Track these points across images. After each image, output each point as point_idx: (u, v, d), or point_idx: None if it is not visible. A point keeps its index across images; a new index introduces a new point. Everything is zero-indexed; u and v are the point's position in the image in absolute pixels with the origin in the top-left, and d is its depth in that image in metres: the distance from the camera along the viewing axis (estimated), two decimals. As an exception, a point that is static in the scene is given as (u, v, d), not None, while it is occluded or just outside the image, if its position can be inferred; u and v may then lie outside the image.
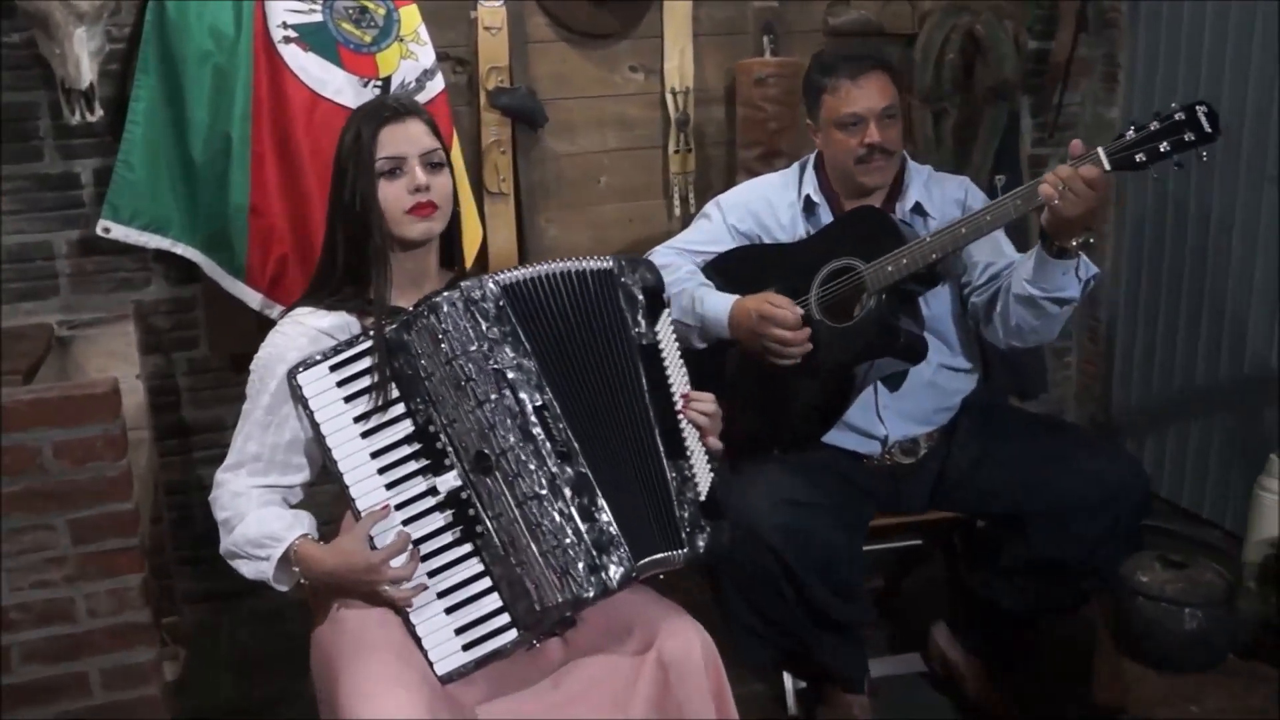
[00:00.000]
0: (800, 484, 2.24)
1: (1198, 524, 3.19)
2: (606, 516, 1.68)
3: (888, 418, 2.37)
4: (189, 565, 2.97)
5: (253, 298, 2.67)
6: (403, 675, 1.60)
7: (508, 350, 1.69)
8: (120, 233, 2.64)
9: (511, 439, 1.66)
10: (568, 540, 1.65)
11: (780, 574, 2.17)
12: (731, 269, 2.43)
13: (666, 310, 1.87)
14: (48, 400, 2.11)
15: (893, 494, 2.41)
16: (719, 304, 2.32)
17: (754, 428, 2.32)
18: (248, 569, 1.75)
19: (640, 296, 1.82)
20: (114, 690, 2.24)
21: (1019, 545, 2.28)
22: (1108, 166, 1.97)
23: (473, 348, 1.67)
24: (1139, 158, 1.94)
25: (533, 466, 1.66)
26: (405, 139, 1.78)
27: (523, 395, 1.67)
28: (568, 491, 1.67)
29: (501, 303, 1.71)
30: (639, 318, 1.81)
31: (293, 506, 1.81)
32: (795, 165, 2.49)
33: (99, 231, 2.64)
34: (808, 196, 2.39)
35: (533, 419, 1.67)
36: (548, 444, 1.67)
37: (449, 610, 1.69)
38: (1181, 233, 3.21)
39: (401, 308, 1.78)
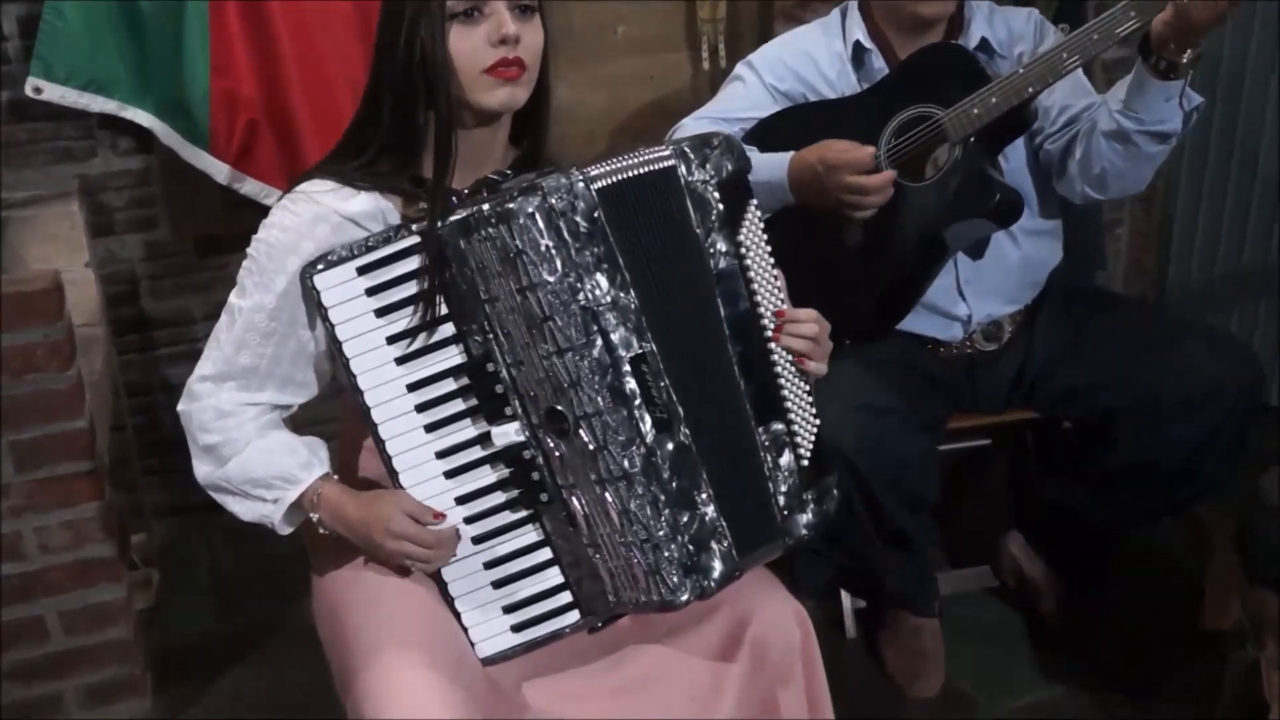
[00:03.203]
0: (872, 385, 2.04)
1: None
2: (711, 506, 1.36)
3: (970, 294, 2.16)
4: (157, 475, 2.76)
5: (218, 170, 2.47)
6: (434, 663, 1.34)
7: (601, 280, 1.32)
8: (55, 93, 2.40)
9: (600, 401, 1.32)
10: (661, 534, 1.34)
11: (853, 488, 1.96)
12: (775, 137, 2.16)
13: (752, 203, 1.48)
14: (-28, 300, 1.88)
15: (969, 389, 2.22)
16: (773, 164, 2.07)
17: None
18: (243, 509, 1.46)
19: (716, 197, 1.42)
20: (77, 634, 2.07)
21: (1106, 448, 2.09)
22: None
23: (553, 278, 1.30)
24: None
25: (623, 438, 1.32)
26: None
27: (616, 340, 1.32)
28: (665, 472, 1.34)
29: (596, 214, 1.32)
30: (713, 232, 1.42)
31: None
32: (834, 11, 2.25)
33: (29, 92, 2.39)
34: (857, 42, 2.16)
35: (627, 375, 1.32)
36: (644, 409, 1.33)
37: (497, 584, 1.42)
38: (1261, 86, 2.90)
39: (456, 191, 1.42)
